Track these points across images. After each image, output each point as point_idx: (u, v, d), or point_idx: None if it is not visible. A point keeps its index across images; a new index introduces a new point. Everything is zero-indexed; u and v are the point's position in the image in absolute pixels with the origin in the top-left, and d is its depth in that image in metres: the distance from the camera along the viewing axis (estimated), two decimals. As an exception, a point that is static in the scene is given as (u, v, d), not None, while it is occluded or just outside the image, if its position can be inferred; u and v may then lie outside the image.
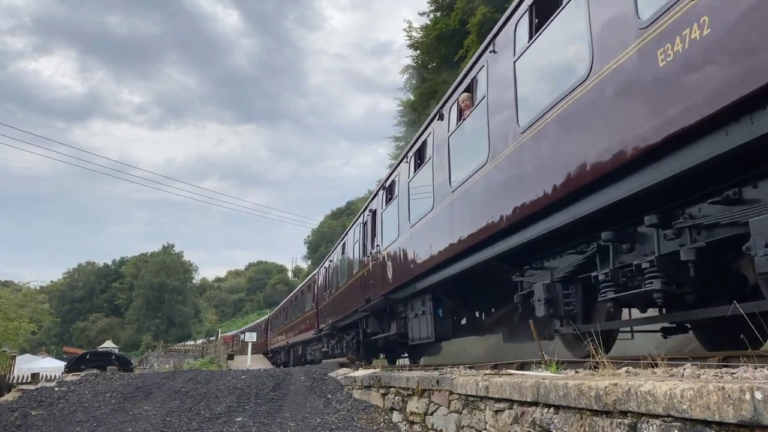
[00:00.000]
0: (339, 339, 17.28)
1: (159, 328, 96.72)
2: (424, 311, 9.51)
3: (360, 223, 14.26)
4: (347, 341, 15.92)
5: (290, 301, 29.00)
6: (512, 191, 5.92)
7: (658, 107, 3.84)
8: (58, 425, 7.04)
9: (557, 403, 3.23)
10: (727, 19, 3.31)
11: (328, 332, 18.36)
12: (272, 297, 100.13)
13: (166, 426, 6.71)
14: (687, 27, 3.54)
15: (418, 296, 9.79)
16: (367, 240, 13.17)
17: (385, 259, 11.27)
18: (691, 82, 3.57)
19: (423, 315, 9.56)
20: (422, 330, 9.60)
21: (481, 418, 4.38)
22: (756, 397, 1.99)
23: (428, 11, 31.00)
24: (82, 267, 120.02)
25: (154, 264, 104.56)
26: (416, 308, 9.93)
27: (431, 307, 9.21)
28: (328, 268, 19.04)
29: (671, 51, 3.68)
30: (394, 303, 11.34)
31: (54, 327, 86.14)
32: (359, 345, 14.66)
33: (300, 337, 24.44)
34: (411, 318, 10.19)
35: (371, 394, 7.57)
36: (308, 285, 23.88)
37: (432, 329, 9.17)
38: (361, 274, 13.28)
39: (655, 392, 2.44)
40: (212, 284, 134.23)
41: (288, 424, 6.70)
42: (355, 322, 14.72)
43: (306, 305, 23.31)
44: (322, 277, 20.22)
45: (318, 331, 20.04)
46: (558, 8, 5.19)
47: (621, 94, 4.23)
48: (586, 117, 4.66)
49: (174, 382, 9.37)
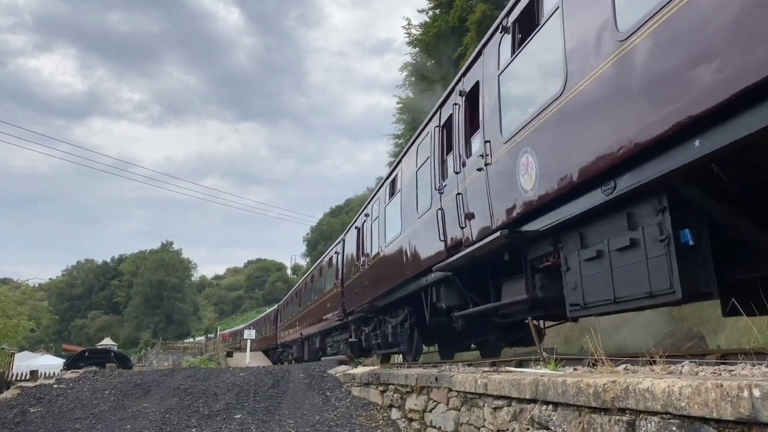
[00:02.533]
0: (378, 324, 12.64)
1: (158, 325, 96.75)
2: (646, 238, 4.24)
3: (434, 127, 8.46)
4: (393, 326, 11.20)
5: (304, 284, 24.09)
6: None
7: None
8: (56, 422, 7.04)
9: (556, 401, 3.24)
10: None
11: (360, 316, 13.76)
12: (271, 295, 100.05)
13: (165, 423, 6.72)
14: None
15: (625, 207, 4.49)
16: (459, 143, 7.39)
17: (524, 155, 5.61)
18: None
19: (636, 248, 4.32)
20: (632, 279, 4.37)
21: (479, 415, 4.38)
22: (754, 394, 1.99)
23: (427, 9, 30.96)
24: (81, 265, 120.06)
25: (152, 261, 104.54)
26: (615, 239, 4.57)
27: (670, 227, 3.99)
28: (361, 228, 13.66)
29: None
30: (527, 244, 5.99)
31: (53, 324, 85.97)
32: (413, 330, 10.22)
33: (317, 327, 19.68)
34: (586, 262, 4.92)
35: (370, 391, 7.57)
36: (328, 259, 18.53)
37: (672, 273, 3.98)
38: (436, 211, 8.00)
39: (654, 389, 2.44)
40: (211, 282, 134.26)
41: (287, 421, 6.71)
42: (410, 296, 9.82)
43: (326, 285, 18.37)
44: (351, 243, 14.80)
45: (343, 316, 15.41)
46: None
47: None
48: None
49: (173, 380, 9.37)
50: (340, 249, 16.48)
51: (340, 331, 16.97)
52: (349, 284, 14.59)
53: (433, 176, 8.36)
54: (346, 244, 15.61)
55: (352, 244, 14.58)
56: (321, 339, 19.83)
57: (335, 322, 16.43)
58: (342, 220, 66.57)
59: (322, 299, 18.84)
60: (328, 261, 18.45)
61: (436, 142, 8.33)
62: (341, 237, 16.84)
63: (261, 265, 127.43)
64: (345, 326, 15.94)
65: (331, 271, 17.56)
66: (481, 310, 7.27)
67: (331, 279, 17.38)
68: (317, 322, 19.43)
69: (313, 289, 21.13)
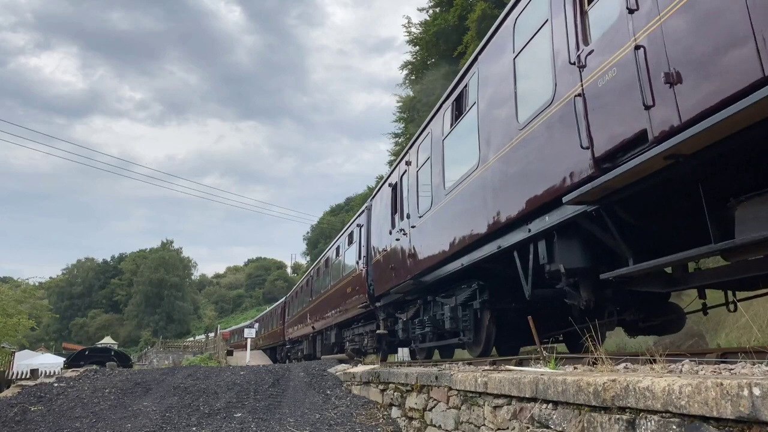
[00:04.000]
0: (423, 308, 9.60)
1: (158, 324, 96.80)
2: None
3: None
4: (452, 307, 8.14)
5: (316, 270, 20.78)
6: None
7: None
8: (57, 421, 7.04)
9: (556, 399, 3.24)
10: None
11: (394, 300, 10.87)
12: (271, 293, 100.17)
13: (165, 422, 6.72)
14: None
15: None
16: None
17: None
18: None
19: None
20: None
21: (479, 414, 4.39)
22: (754, 393, 1.99)
23: (427, 7, 30.97)
24: (81, 263, 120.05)
25: (152, 260, 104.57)
26: None
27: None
28: (398, 183, 10.60)
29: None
30: None
31: (53, 323, 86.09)
32: (483, 313, 7.48)
33: (332, 319, 16.71)
34: None
35: (370, 390, 7.58)
36: (348, 235, 15.38)
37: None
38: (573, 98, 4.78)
39: (654, 388, 2.44)
40: (211, 280, 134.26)
41: (287, 419, 6.71)
42: (487, 262, 6.90)
43: (344, 268, 15.34)
44: (382, 208, 11.81)
45: (369, 302, 12.43)
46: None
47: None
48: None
49: (173, 378, 9.38)
50: (363, 220, 13.45)
51: (363, 322, 14.11)
52: (378, 261, 11.65)
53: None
54: (373, 211, 12.68)
55: (383, 210, 11.68)
56: (337, 332, 16.96)
57: (357, 310, 13.49)
58: (342, 219, 66.54)
59: (339, 285, 15.81)
60: (348, 237, 15.25)
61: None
62: (365, 206, 13.81)
63: (261, 264, 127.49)
64: (370, 315, 13.02)
65: (351, 250, 14.48)
66: (680, 259, 4.05)
67: (352, 259, 14.28)
68: (333, 313, 16.63)
69: (328, 274, 17.95)
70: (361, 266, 13.10)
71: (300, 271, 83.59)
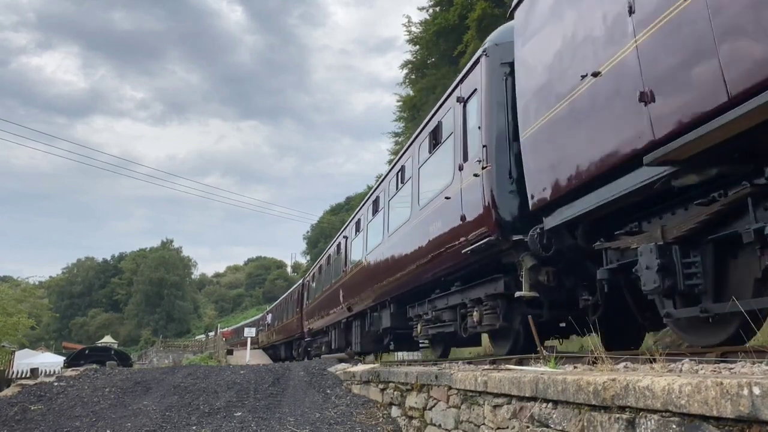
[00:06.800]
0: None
1: (158, 323, 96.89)
2: None
3: None
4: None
5: (356, 223, 14.91)
6: None
7: None
8: (57, 420, 7.05)
9: (556, 398, 3.24)
10: None
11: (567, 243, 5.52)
12: (271, 292, 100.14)
13: (166, 421, 6.72)
14: None
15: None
16: None
17: None
18: None
19: None
20: None
21: (479, 413, 4.39)
22: (754, 392, 1.99)
23: (428, 6, 30.95)
24: (81, 262, 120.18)
25: (152, 259, 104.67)
26: None
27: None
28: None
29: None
30: None
31: (53, 322, 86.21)
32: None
33: (389, 286, 10.65)
34: None
35: (370, 389, 7.58)
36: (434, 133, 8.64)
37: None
38: None
39: (654, 387, 2.44)
40: (211, 280, 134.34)
41: (287, 418, 6.71)
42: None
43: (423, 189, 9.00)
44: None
45: (499, 232, 6.28)
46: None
47: None
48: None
49: (173, 378, 9.38)
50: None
51: (459, 284, 8.03)
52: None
53: None
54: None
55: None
56: (396, 310, 10.89)
57: (460, 257, 7.30)
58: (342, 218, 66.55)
59: (412, 224, 9.30)
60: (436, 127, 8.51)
61: None
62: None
63: (261, 263, 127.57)
64: (485, 267, 7.14)
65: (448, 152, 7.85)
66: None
67: (448, 160, 7.78)
68: (390, 279, 10.46)
69: (392, 210, 11.01)
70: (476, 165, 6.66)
71: (300, 270, 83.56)
